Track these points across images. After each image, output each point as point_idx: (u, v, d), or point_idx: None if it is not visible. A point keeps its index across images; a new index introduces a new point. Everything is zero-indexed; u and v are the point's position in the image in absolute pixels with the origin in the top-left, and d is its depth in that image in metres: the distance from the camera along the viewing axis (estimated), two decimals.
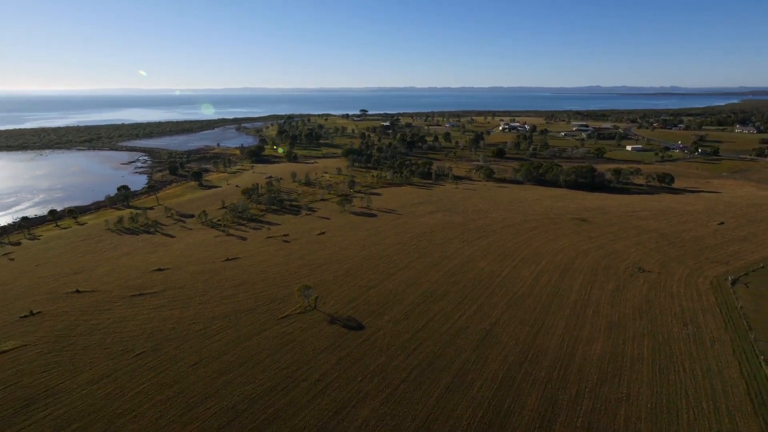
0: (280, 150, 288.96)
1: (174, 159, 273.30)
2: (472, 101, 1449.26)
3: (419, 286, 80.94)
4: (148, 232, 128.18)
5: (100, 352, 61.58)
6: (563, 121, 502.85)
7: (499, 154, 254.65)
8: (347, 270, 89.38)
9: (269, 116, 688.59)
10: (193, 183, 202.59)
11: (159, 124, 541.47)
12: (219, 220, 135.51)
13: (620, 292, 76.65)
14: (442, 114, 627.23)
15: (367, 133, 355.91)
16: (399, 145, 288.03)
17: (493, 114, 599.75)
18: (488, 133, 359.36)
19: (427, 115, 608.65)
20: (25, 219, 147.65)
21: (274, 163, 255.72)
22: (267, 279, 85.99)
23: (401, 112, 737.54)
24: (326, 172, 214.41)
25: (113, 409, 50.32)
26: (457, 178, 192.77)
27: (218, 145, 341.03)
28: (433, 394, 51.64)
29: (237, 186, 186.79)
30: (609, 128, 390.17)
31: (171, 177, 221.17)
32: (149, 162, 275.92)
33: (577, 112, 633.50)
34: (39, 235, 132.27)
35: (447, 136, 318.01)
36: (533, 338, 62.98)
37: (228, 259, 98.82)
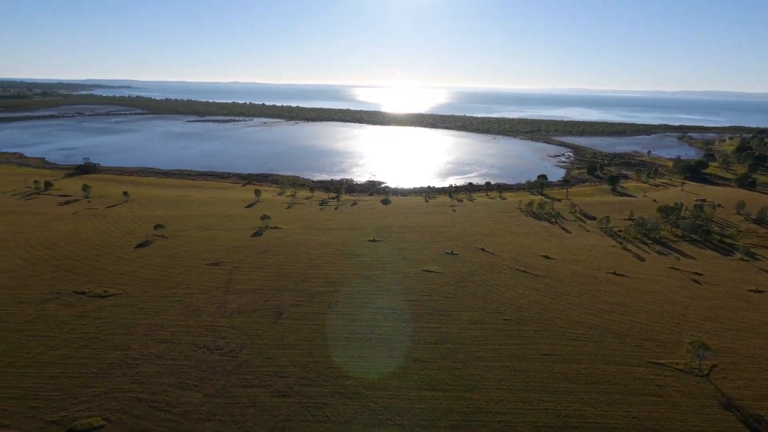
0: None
1: (596, 159, 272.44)
2: None
3: None
4: (549, 221, 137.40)
5: (480, 302, 74.28)
6: None
7: None
8: None
9: (730, 127, 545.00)
10: (606, 186, 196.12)
11: (592, 123, 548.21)
12: (620, 231, 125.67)
13: None
14: None
15: None
16: None
17: None
18: None
19: None
20: (470, 184, 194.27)
21: (714, 184, 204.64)
22: (651, 312, 73.34)
23: None
24: None
25: (474, 351, 60.27)
26: None
27: (649, 152, 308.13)
28: None
29: (654, 200, 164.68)
30: None
31: (587, 176, 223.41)
32: (572, 158, 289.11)
33: None
34: (474, 199, 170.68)
35: None
36: None
37: (614, 273, 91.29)
